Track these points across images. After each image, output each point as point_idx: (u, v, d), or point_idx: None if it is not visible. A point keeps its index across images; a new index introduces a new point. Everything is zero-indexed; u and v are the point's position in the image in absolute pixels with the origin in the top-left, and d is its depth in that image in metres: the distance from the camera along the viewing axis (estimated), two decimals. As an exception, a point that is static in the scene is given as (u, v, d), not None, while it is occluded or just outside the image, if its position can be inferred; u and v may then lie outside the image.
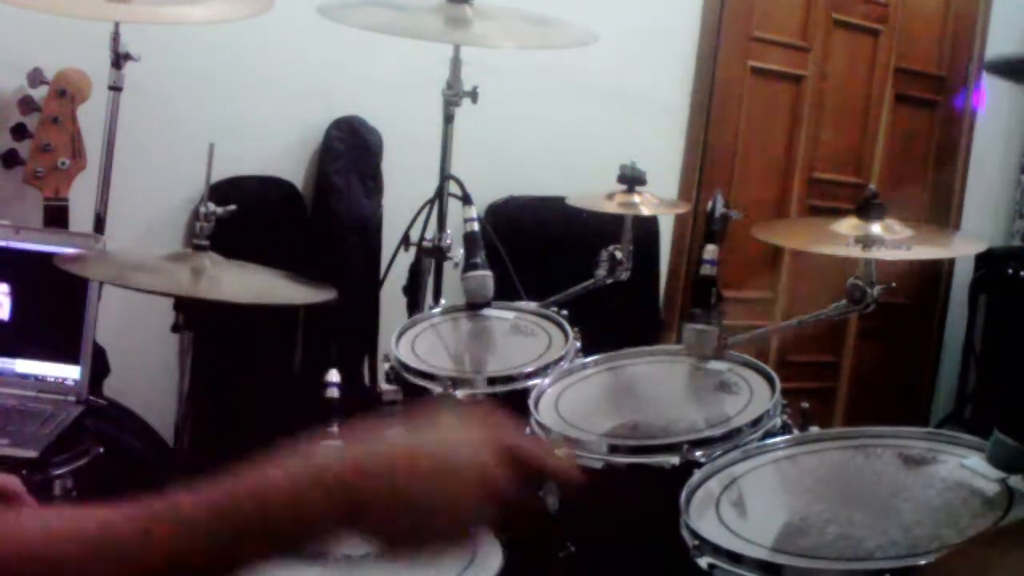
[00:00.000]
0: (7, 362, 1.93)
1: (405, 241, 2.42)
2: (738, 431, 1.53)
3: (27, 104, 2.17)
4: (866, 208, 1.93)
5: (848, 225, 1.95)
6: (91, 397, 1.93)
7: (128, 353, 2.37)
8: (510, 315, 2.07)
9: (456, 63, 2.33)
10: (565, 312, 2.03)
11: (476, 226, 2.13)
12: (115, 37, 2.19)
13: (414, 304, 2.39)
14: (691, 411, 1.69)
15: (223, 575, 0.75)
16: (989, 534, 1.21)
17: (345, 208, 2.73)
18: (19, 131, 2.17)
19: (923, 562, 1.18)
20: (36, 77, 2.17)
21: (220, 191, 2.14)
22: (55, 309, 1.96)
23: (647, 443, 1.57)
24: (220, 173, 2.17)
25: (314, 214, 2.78)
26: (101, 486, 1.79)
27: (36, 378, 1.93)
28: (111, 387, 2.22)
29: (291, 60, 2.68)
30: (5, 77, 2.28)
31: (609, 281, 2.18)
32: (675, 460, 1.49)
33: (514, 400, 1.74)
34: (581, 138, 3.06)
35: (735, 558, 1.26)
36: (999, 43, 3.94)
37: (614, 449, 1.57)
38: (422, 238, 2.38)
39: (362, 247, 2.74)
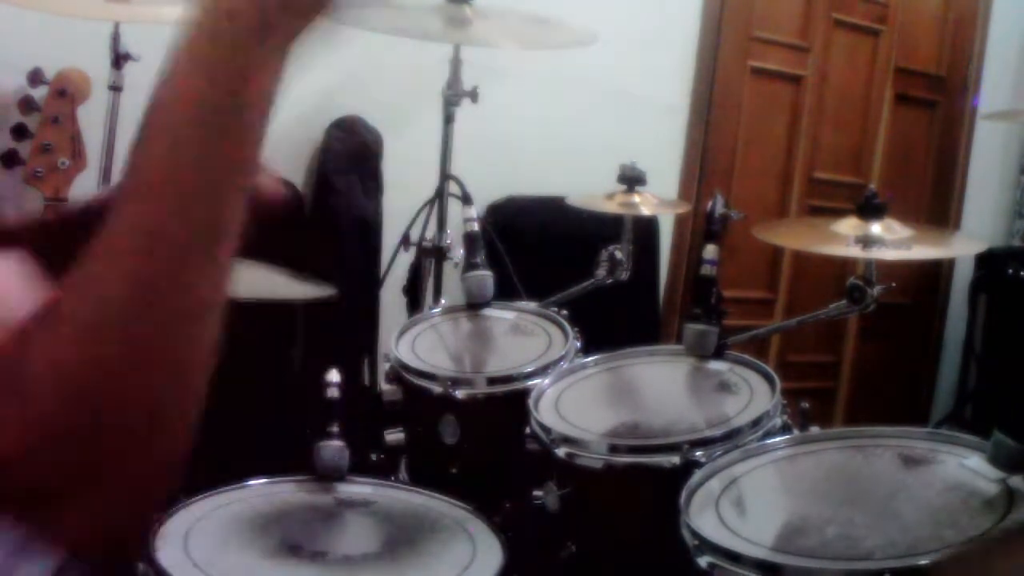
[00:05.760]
0: (7, 362, 1.93)
1: (405, 241, 2.42)
2: (738, 431, 1.53)
3: (27, 104, 2.17)
4: (866, 208, 1.93)
5: (848, 225, 1.95)
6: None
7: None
8: (510, 315, 2.07)
9: (456, 63, 2.34)
10: (565, 312, 2.03)
11: (476, 226, 2.13)
12: (115, 37, 2.19)
13: (414, 304, 2.39)
14: (691, 411, 1.69)
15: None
16: (992, 537, 1.20)
17: (345, 208, 2.72)
18: (19, 131, 2.17)
19: (923, 562, 1.18)
20: (36, 77, 2.17)
21: (220, 191, 2.14)
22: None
23: (647, 443, 1.57)
24: (220, 173, 2.17)
25: (314, 214, 2.78)
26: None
27: (36, 378, 1.92)
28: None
29: (291, 60, 2.68)
30: (5, 77, 2.28)
31: (609, 281, 2.18)
32: (675, 460, 1.49)
33: (514, 400, 1.74)
34: (581, 138, 3.06)
35: (735, 558, 1.26)
36: (999, 43, 3.95)
37: (614, 449, 1.57)
38: (422, 238, 2.38)
39: (362, 247, 2.74)
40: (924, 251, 2.02)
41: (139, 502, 0.65)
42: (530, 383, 1.78)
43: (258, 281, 1.83)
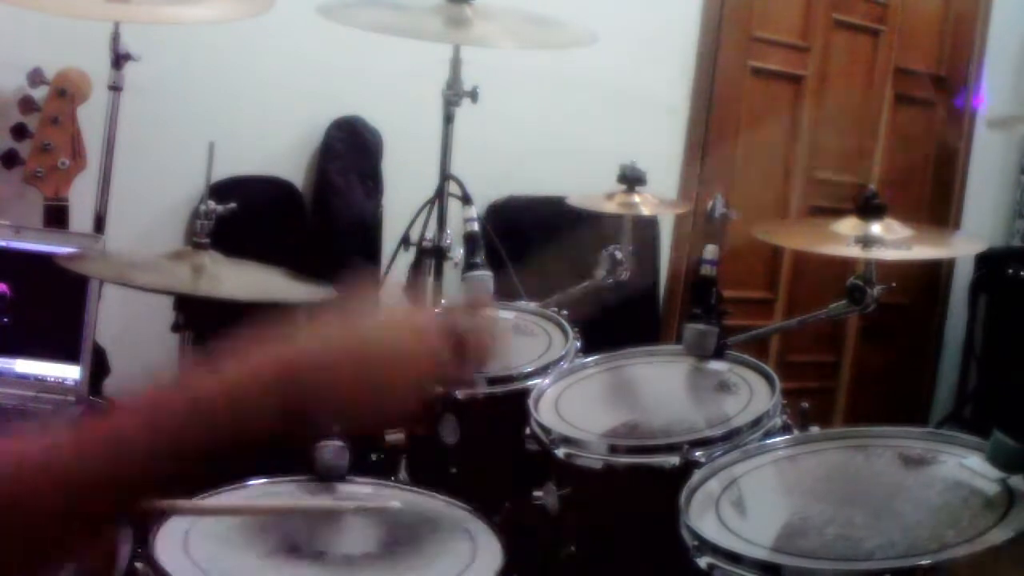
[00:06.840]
0: (7, 362, 1.93)
1: (405, 241, 2.42)
2: (738, 431, 1.53)
3: (27, 104, 2.17)
4: (866, 208, 1.93)
5: (848, 225, 1.95)
6: (91, 397, 1.93)
7: (128, 353, 2.37)
8: (510, 315, 2.07)
9: (456, 63, 2.33)
10: (565, 312, 2.03)
11: (476, 226, 2.13)
12: (115, 37, 2.19)
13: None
14: (691, 411, 1.69)
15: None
16: (997, 546, 1.20)
17: (345, 208, 2.72)
18: (19, 131, 2.17)
19: (923, 562, 1.18)
20: (36, 77, 2.17)
21: (220, 191, 2.14)
22: (55, 309, 1.95)
23: (647, 443, 1.57)
24: (220, 173, 2.17)
25: (314, 214, 2.78)
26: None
27: (36, 378, 1.93)
28: (111, 387, 2.22)
29: (291, 60, 2.68)
30: (5, 77, 2.28)
31: (609, 281, 2.18)
32: (675, 460, 1.49)
33: (514, 400, 1.74)
34: (581, 138, 3.06)
35: (735, 558, 1.26)
36: (999, 43, 3.94)
37: (614, 449, 1.57)
38: (422, 238, 2.38)
39: (362, 247, 2.74)
40: (924, 251, 2.03)
41: None
42: (530, 383, 1.78)
43: (258, 281, 1.83)
